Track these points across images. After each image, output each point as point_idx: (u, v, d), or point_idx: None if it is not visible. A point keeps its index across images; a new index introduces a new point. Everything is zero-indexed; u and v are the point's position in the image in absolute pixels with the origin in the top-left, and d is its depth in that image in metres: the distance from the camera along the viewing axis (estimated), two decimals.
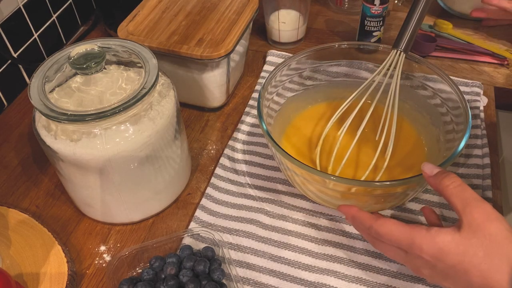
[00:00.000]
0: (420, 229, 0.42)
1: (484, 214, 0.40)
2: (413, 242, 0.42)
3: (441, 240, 0.41)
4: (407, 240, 0.43)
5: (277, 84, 0.65)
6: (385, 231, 0.45)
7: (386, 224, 0.45)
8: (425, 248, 0.42)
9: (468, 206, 0.41)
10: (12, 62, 0.76)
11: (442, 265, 0.41)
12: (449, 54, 0.83)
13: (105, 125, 0.51)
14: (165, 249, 0.58)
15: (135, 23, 0.71)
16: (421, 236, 0.42)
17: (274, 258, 0.56)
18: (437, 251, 0.41)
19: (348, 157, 0.59)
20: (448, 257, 0.40)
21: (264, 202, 0.62)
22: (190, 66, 0.69)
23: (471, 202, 0.41)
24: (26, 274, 0.54)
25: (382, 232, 0.45)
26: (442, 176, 0.44)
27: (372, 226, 0.46)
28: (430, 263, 0.42)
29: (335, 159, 0.60)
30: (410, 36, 0.61)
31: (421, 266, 0.44)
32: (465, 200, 0.41)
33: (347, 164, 0.60)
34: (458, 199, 0.42)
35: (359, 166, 0.61)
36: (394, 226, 0.44)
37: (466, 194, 0.42)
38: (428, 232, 0.42)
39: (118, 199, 0.57)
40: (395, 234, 0.44)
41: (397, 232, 0.44)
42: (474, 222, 0.40)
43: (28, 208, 0.64)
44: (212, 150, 0.70)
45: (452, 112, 0.61)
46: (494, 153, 0.66)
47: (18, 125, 0.75)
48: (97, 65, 0.52)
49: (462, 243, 0.40)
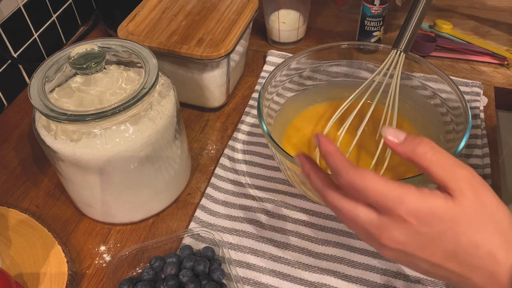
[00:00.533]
0: (409, 187, 0.36)
1: (473, 183, 0.36)
2: (401, 200, 0.35)
3: (434, 202, 0.35)
4: (394, 197, 0.35)
5: (277, 84, 0.65)
6: (365, 183, 0.36)
7: (368, 174, 0.36)
8: (415, 208, 0.35)
9: (454, 174, 0.36)
10: (12, 62, 0.76)
11: (428, 231, 0.35)
12: (449, 54, 0.83)
13: (105, 125, 0.51)
14: (165, 249, 0.58)
15: (135, 23, 0.71)
16: (411, 194, 0.35)
17: (274, 258, 0.56)
18: (427, 214, 0.35)
19: (348, 157, 0.59)
20: (439, 222, 0.35)
21: (264, 202, 0.62)
22: (190, 66, 0.69)
23: (456, 170, 0.36)
24: (26, 274, 0.54)
25: (360, 183, 0.36)
26: (414, 143, 0.37)
27: (348, 173, 0.37)
28: (413, 228, 0.36)
29: None
30: (410, 36, 0.61)
31: (397, 231, 0.36)
32: (449, 168, 0.36)
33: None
34: (440, 168, 0.36)
35: (359, 166, 0.61)
36: (378, 179, 0.36)
37: (448, 161, 0.36)
38: (419, 192, 0.36)
39: (118, 199, 0.57)
40: (377, 189, 0.36)
41: (381, 186, 0.36)
42: (465, 190, 0.35)
43: (28, 208, 0.64)
44: (212, 150, 0.70)
45: (452, 112, 0.61)
46: (494, 153, 0.66)
47: (18, 125, 0.75)
48: (97, 65, 0.52)
49: (456, 209, 0.35)
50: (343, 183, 0.37)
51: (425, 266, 0.37)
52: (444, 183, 0.36)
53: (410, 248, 0.36)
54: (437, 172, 0.36)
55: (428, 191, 0.36)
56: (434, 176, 0.36)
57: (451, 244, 0.35)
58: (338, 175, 0.38)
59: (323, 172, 0.40)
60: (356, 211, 0.38)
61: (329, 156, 0.39)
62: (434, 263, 0.37)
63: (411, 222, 0.35)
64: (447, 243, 0.35)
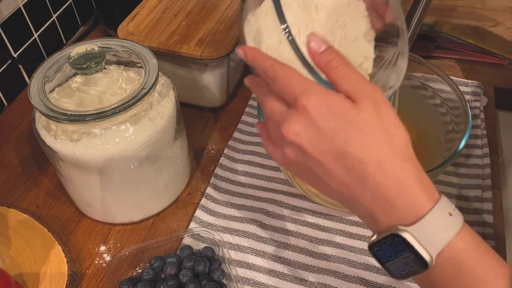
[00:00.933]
0: (317, 83, 0.38)
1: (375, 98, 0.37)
2: (306, 89, 0.37)
3: (335, 98, 0.36)
4: (302, 86, 0.37)
5: None
6: (284, 73, 0.38)
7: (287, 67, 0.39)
8: (316, 99, 0.36)
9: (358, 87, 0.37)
10: (12, 62, 0.76)
11: (322, 125, 0.36)
12: (449, 54, 0.83)
13: (105, 125, 0.51)
14: (165, 249, 0.58)
15: (135, 23, 0.71)
16: (316, 87, 0.37)
17: (274, 258, 0.56)
18: (326, 107, 0.36)
19: None
20: (333, 117, 0.36)
21: (264, 202, 0.62)
22: (190, 66, 0.69)
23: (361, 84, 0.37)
24: (26, 274, 0.54)
25: (281, 73, 0.38)
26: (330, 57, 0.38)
27: (274, 65, 0.39)
28: (311, 120, 0.37)
29: None
30: (410, 36, 0.60)
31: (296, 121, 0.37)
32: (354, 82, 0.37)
33: None
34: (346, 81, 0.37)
35: None
36: (295, 71, 0.38)
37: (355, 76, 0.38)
38: (324, 88, 0.37)
39: (118, 199, 0.57)
40: (293, 78, 0.38)
41: (295, 76, 0.38)
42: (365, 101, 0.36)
43: (28, 208, 0.64)
44: (212, 150, 0.70)
45: (452, 112, 0.61)
46: (494, 153, 0.66)
47: (18, 125, 0.75)
48: (97, 65, 0.52)
49: (352, 111, 0.36)
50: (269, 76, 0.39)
51: (319, 171, 0.38)
52: (348, 93, 0.37)
53: (304, 141, 0.37)
54: (342, 84, 0.37)
55: (331, 90, 0.37)
56: (340, 88, 0.37)
57: (341, 144, 0.36)
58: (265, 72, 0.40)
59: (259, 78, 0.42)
60: (273, 104, 0.40)
61: (257, 58, 0.41)
62: (325, 165, 0.37)
63: (309, 112, 0.36)
64: (337, 141, 0.36)
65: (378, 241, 0.36)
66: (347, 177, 0.36)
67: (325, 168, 0.37)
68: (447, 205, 0.36)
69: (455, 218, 0.35)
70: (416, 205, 0.35)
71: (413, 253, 0.34)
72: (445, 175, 0.63)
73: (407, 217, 0.35)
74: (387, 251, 0.36)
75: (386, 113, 0.37)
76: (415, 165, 0.37)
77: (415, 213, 0.35)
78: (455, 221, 0.35)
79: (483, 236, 0.57)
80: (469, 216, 0.59)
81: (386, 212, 0.36)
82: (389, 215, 0.36)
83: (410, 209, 0.35)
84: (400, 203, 0.35)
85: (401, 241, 0.35)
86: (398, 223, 0.35)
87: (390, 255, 0.36)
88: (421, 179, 0.36)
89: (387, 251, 0.36)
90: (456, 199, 0.61)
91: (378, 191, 0.36)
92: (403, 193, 0.35)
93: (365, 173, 0.36)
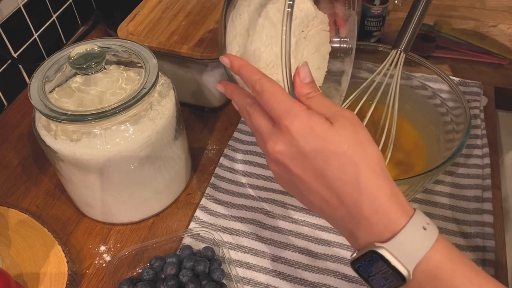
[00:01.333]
0: (301, 104, 0.40)
1: (352, 120, 0.40)
2: (291, 111, 0.39)
3: (315, 120, 0.39)
4: (287, 106, 0.40)
5: None
6: (270, 88, 0.41)
7: (275, 84, 0.41)
8: (299, 121, 0.39)
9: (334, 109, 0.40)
10: (12, 62, 0.76)
11: (304, 146, 0.39)
12: (449, 54, 0.83)
13: (105, 125, 0.51)
14: (165, 249, 0.58)
15: (135, 23, 0.71)
16: (300, 109, 0.39)
17: (274, 258, 0.56)
18: (307, 128, 0.39)
19: None
20: (314, 139, 0.38)
21: (264, 202, 0.62)
22: (190, 66, 0.69)
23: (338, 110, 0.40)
24: (26, 274, 0.54)
25: (267, 88, 0.41)
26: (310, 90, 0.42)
27: (261, 79, 0.41)
28: (294, 141, 0.39)
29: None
30: (410, 36, 0.61)
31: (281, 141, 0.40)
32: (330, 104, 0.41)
33: None
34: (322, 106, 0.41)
35: None
36: (281, 90, 0.41)
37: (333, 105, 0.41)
38: (308, 110, 0.40)
39: (118, 199, 0.57)
40: (278, 95, 0.40)
41: (281, 96, 0.40)
42: (343, 122, 0.39)
43: (28, 208, 0.64)
44: (212, 150, 0.70)
45: (452, 112, 0.61)
46: (494, 153, 0.66)
47: (18, 125, 0.75)
48: (97, 65, 0.52)
49: (331, 132, 0.38)
50: (256, 90, 0.42)
51: (301, 187, 0.40)
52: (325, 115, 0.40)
53: (287, 159, 0.40)
54: (319, 110, 0.40)
55: (314, 112, 0.40)
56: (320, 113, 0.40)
57: (321, 163, 0.38)
58: (252, 85, 0.42)
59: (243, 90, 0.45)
60: (259, 120, 0.42)
61: (243, 68, 0.43)
62: (307, 183, 0.39)
63: (292, 133, 0.39)
64: (318, 160, 0.38)
65: (359, 258, 0.38)
66: (328, 194, 0.39)
67: (307, 185, 0.40)
68: (421, 219, 0.37)
69: (429, 232, 0.37)
70: (391, 221, 0.37)
71: (391, 268, 0.36)
72: (445, 175, 0.63)
73: (384, 234, 0.37)
74: (368, 267, 0.38)
75: (361, 130, 0.39)
76: (389, 181, 0.38)
77: (391, 229, 0.37)
78: (430, 235, 0.37)
79: (482, 236, 0.57)
80: (469, 216, 0.59)
81: (364, 229, 0.38)
82: (367, 231, 0.38)
83: (386, 226, 0.37)
84: (376, 220, 0.37)
85: (378, 257, 0.37)
86: (375, 240, 0.37)
87: (371, 271, 0.38)
88: (395, 195, 0.38)
89: (367, 267, 0.38)
90: (456, 199, 0.61)
91: (355, 208, 0.38)
92: (379, 210, 0.37)
93: (343, 191, 0.38)
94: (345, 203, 0.38)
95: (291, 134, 0.39)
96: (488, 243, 0.56)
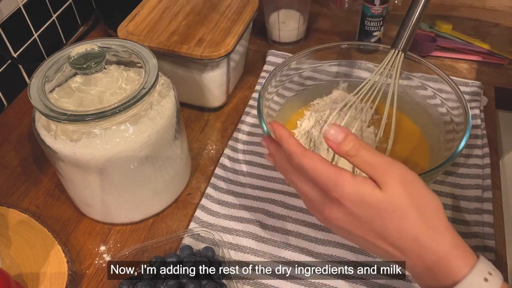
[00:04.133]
0: (346, 173, 0.40)
1: (399, 176, 0.40)
2: (337, 183, 0.40)
3: (363, 189, 0.40)
4: (331, 180, 0.40)
5: (277, 84, 0.65)
6: (310, 163, 0.41)
7: (314, 157, 0.41)
8: (347, 192, 0.40)
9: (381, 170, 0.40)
10: (12, 62, 0.76)
11: (359, 213, 0.40)
12: (449, 54, 0.83)
13: (105, 125, 0.51)
14: (165, 249, 0.58)
15: (135, 23, 0.71)
16: (346, 180, 0.40)
17: (274, 258, 0.56)
18: (357, 199, 0.40)
19: None
20: (367, 208, 0.40)
21: (264, 202, 0.62)
22: (190, 66, 0.69)
23: (383, 167, 0.40)
24: (26, 274, 0.54)
25: (306, 164, 0.41)
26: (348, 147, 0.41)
27: (298, 154, 0.42)
28: (348, 209, 0.41)
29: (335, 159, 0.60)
30: (408, 36, 0.60)
31: (335, 209, 0.41)
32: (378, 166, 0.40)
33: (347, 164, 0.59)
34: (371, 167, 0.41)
35: None
36: (321, 163, 0.41)
37: (377, 159, 0.41)
38: (354, 179, 0.40)
39: (118, 199, 0.57)
40: (319, 170, 0.41)
41: (323, 169, 0.41)
42: (391, 183, 0.40)
43: (28, 208, 0.64)
44: (212, 150, 0.70)
45: (452, 112, 0.61)
46: (494, 153, 0.66)
47: (18, 125, 0.75)
48: (97, 65, 0.52)
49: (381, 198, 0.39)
50: (295, 164, 0.43)
51: (364, 243, 0.43)
52: (373, 177, 0.40)
53: (347, 225, 0.42)
54: (366, 171, 0.41)
55: (361, 179, 0.40)
56: (365, 173, 0.41)
57: (380, 227, 0.40)
58: (290, 157, 0.43)
59: (284, 154, 0.45)
60: (306, 190, 0.44)
61: (283, 140, 0.44)
62: (370, 241, 0.42)
63: (344, 204, 0.40)
64: (375, 225, 0.40)
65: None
66: (391, 250, 0.41)
67: (370, 242, 0.42)
68: (484, 269, 0.39)
69: (492, 282, 0.38)
70: (452, 271, 0.39)
71: None
72: (445, 175, 0.63)
73: (446, 282, 0.39)
74: None
75: (412, 189, 0.40)
76: (449, 233, 0.40)
77: (452, 279, 0.39)
78: (492, 285, 0.38)
79: (482, 236, 0.57)
80: (469, 216, 0.59)
81: (428, 276, 0.40)
82: (431, 279, 0.40)
83: (447, 276, 0.39)
84: (438, 271, 0.39)
85: None
86: (439, 286, 0.39)
87: None
88: (456, 246, 0.40)
89: None
90: (456, 199, 0.61)
91: (418, 260, 0.40)
92: (440, 262, 0.39)
93: (405, 247, 0.40)
94: (408, 256, 0.40)
95: (344, 205, 0.40)
96: (488, 243, 0.56)
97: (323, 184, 0.41)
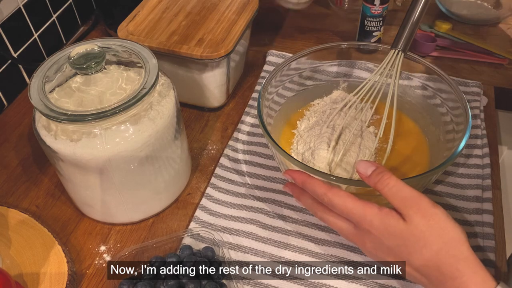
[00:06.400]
0: (372, 206, 0.46)
1: (424, 207, 0.44)
2: (365, 217, 0.46)
3: (388, 221, 0.45)
4: (359, 214, 0.46)
5: (277, 84, 0.65)
6: (339, 201, 0.47)
7: (341, 194, 0.47)
8: (375, 225, 0.45)
9: (407, 203, 0.45)
10: (12, 62, 0.76)
11: (388, 243, 0.45)
12: (449, 54, 0.83)
13: (105, 125, 0.51)
14: (165, 249, 0.58)
15: (135, 23, 0.71)
16: (373, 213, 0.45)
17: (274, 258, 0.56)
18: (384, 230, 0.45)
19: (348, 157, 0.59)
20: (394, 238, 0.45)
21: (264, 202, 0.62)
22: (190, 66, 0.69)
23: (410, 200, 0.45)
24: (26, 274, 0.54)
25: (336, 202, 0.47)
26: (376, 179, 0.47)
27: (327, 193, 0.48)
28: (377, 239, 0.46)
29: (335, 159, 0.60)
30: (408, 36, 0.60)
31: (367, 239, 0.47)
32: (403, 200, 0.45)
33: (347, 164, 0.60)
34: (396, 200, 0.45)
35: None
36: (349, 198, 0.46)
37: (402, 193, 0.45)
38: (380, 211, 0.45)
39: (118, 199, 0.57)
40: (348, 206, 0.46)
41: (351, 205, 0.46)
42: (414, 216, 0.44)
43: (28, 208, 0.64)
44: (212, 150, 0.70)
45: (452, 112, 0.61)
46: (494, 153, 0.66)
47: (18, 125, 0.75)
48: (97, 65, 0.52)
49: (405, 230, 0.44)
50: (325, 202, 0.48)
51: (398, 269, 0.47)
52: (399, 210, 0.45)
53: (379, 253, 0.47)
54: (393, 202, 0.45)
55: (386, 211, 0.45)
56: (392, 204, 0.45)
57: (406, 255, 0.45)
58: (319, 198, 0.49)
59: (310, 195, 0.51)
60: (338, 223, 0.49)
61: (307, 184, 0.50)
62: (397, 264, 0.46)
63: (374, 234, 0.46)
64: (402, 253, 0.45)
65: None
66: (416, 275, 0.45)
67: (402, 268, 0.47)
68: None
69: None
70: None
71: None
72: (445, 175, 0.63)
73: None
74: None
75: (435, 221, 0.44)
76: (470, 261, 0.43)
77: None
78: None
79: (482, 236, 0.57)
80: (469, 216, 0.59)
81: None
82: None
83: None
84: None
85: None
86: None
87: None
88: (476, 274, 0.43)
89: None
90: (456, 199, 0.61)
91: (441, 285, 0.44)
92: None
93: (428, 274, 0.44)
94: (432, 281, 0.45)
95: (374, 235, 0.46)
96: (488, 243, 0.56)
97: (353, 219, 0.47)
